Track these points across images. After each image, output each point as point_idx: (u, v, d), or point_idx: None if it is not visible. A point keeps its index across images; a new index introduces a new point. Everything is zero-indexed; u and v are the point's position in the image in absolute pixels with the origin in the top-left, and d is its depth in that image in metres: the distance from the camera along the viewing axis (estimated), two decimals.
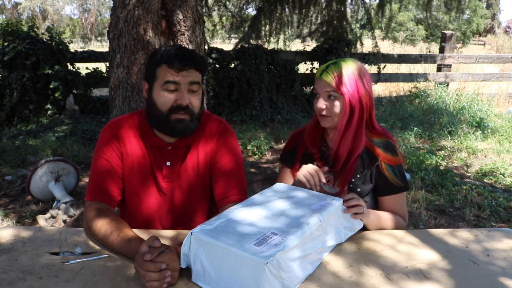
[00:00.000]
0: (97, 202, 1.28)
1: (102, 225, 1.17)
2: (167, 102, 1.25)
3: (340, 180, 1.39)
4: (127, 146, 1.35)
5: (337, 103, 1.35)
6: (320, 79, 1.36)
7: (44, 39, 5.02)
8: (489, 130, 5.16)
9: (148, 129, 1.35)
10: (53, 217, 2.91)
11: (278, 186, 1.30)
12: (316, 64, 6.21)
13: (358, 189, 1.39)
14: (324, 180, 1.31)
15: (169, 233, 1.28)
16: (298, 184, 1.32)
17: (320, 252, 1.08)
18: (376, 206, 1.43)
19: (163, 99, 1.25)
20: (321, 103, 1.36)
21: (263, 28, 6.68)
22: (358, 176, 1.39)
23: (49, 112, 5.10)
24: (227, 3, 6.94)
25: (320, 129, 1.47)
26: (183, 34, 2.38)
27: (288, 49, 7.05)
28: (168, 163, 1.35)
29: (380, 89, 7.90)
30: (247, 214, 1.08)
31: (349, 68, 1.34)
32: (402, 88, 7.58)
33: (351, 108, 1.34)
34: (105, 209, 1.26)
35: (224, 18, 7.37)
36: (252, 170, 4.01)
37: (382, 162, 1.37)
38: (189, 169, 1.37)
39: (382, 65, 6.46)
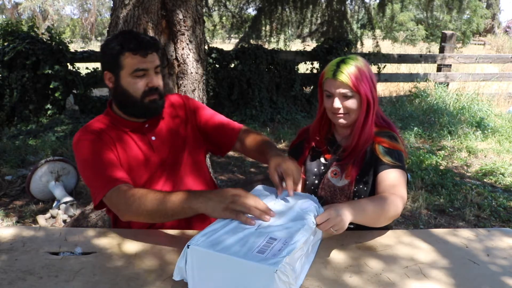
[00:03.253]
0: (118, 186, 1.19)
1: (145, 196, 1.14)
2: (140, 88, 1.32)
3: (349, 172, 1.40)
4: (116, 143, 1.35)
5: (354, 101, 1.35)
6: (335, 80, 1.34)
7: (44, 39, 5.00)
8: (489, 130, 5.15)
9: (121, 120, 1.39)
10: (53, 217, 2.91)
11: (259, 188, 1.25)
12: (316, 64, 6.20)
13: (364, 179, 1.40)
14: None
15: (173, 232, 1.28)
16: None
17: (313, 249, 1.08)
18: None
19: (136, 85, 1.32)
20: (337, 103, 1.35)
21: (263, 28, 6.68)
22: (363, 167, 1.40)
23: (49, 112, 5.09)
24: (227, 3, 6.94)
25: (326, 124, 1.49)
26: (183, 34, 2.38)
27: (288, 49, 7.04)
28: (153, 138, 1.41)
29: (380, 89, 7.89)
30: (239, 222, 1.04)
31: (360, 65, 1.35)
32: (402, 88, 7.58)
33: (367, 104, 1.36)
34: (131, 187, 1.20)
35: (224, 18, 7.37)
36: (252, 170, 4.01)
37: (376, 144, 1.38)
38: (173, 133, 1.45)
39: (382, 65, 6.46)
